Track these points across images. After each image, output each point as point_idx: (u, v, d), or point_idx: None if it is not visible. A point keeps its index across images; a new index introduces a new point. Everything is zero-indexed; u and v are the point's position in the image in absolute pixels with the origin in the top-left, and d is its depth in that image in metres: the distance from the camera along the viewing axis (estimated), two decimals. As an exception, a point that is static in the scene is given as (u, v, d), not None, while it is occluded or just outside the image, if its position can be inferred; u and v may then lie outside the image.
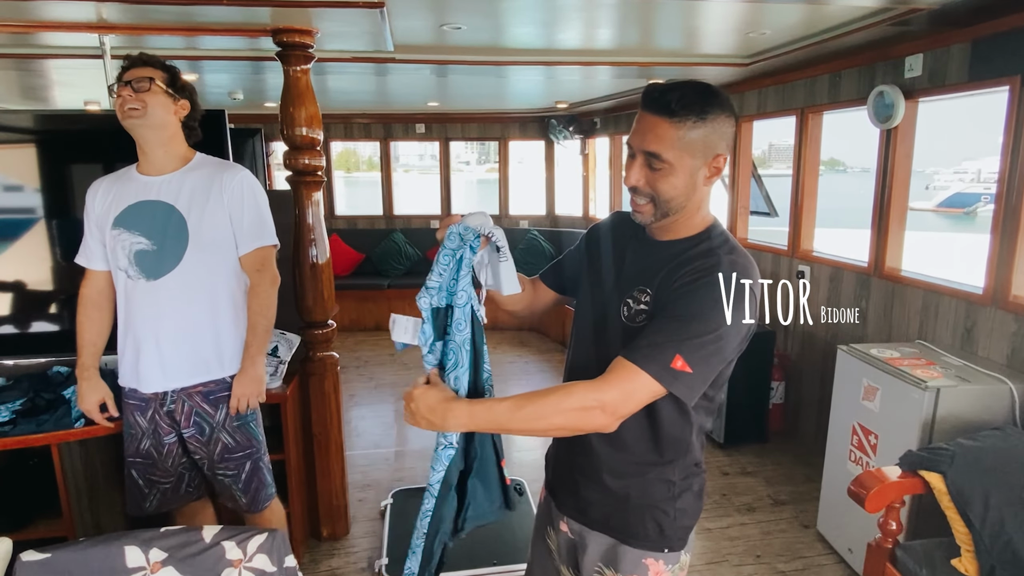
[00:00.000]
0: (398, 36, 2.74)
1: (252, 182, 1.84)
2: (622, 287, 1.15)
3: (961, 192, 24.59)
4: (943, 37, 2.52)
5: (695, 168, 1.07)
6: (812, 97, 3.39)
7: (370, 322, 6.07)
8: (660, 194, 1.08)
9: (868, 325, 3.06)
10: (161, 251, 1.75)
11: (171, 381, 1.80)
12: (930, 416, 2.11)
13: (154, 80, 1.71)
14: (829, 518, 2.68)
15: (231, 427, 1.86)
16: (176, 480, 1.92)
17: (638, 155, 1.08)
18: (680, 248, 1.12)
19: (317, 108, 2.40)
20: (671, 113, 1.03)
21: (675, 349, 1.00)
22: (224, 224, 1.79)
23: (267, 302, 1.84)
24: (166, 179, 1.78)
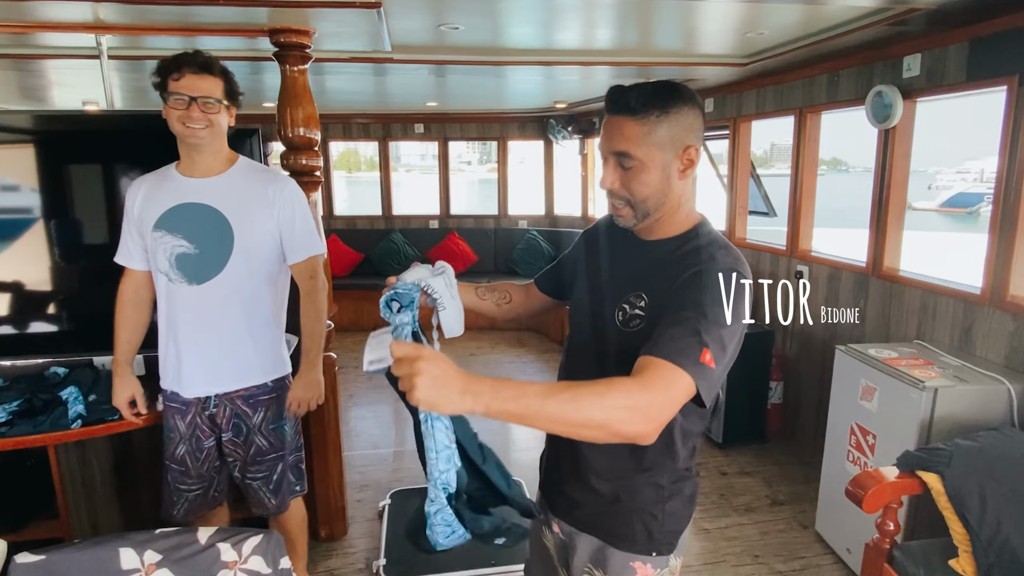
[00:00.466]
0: (396, 36, 2.74)
1: (300, 193, 1.87)
2: (615, 291, 1.15)
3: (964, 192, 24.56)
4: (941, 37, 2.52)
5: (666, 162, 1.07)
6: (811, 97, 3.39)
7: (369, 322, 6.06)
8: (634, 194, 1.08)
9: (866, 325, 3.06)
10: (204, 255, 1.74)
11: (213, 386, 1.82)
12: (928, 416, 2.11)
13: (221, 101, 1.70)
14: (827, 518, 2.68)
15: (267, 430, 1.89)
16: (206, 486, 1.93)
17: (609, 158, 1.09)
18: (668, 248, 1.12)
19: (315, 108, 2.39)
20: (633, 111, 1.05)
21: (700, 342, 0.96)
22: (271, 233, 1.79)
23: (322, 307, 1.89)
24: (210, 182, 1.77)
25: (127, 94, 4.52)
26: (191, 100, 1.65)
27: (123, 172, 2.32)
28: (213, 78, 1.69)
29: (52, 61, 3.24)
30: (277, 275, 1.85)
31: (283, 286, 1.89)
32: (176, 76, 1.66)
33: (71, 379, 2.17)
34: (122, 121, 2.51)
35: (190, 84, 1.66)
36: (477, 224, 6.65)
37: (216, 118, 1.70)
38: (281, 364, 1.90)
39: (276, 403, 1.89)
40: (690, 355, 0.94)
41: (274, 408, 1.89)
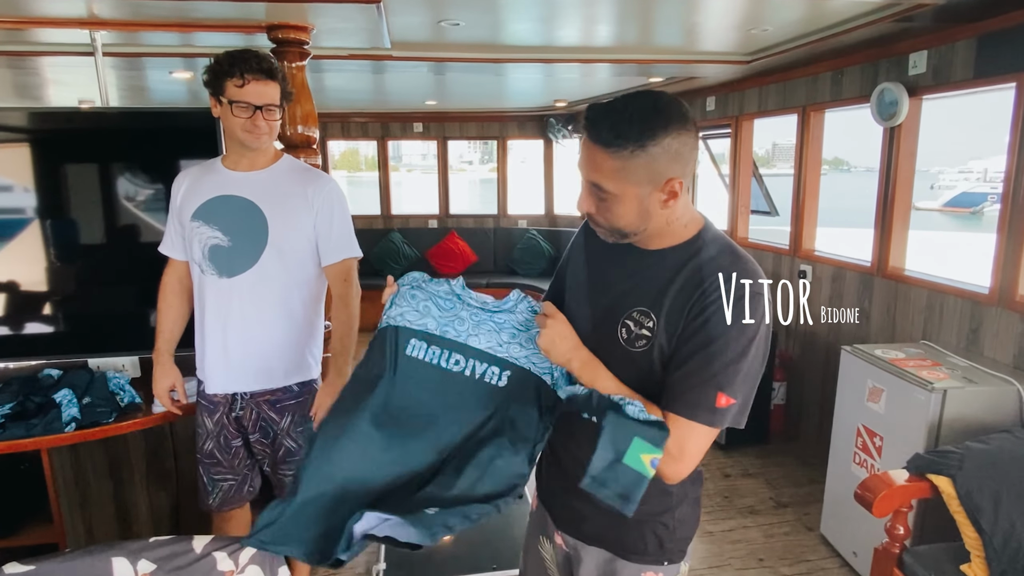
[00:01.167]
0: (395, 33, 2.71)
1: (340, 193, 1.83)
2: (617, 305, 1.08)
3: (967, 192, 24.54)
4: (948, 33, 2.49)
5: (643, 195, 0.98)
6: (814, 95, 3.36)
7: (367, 323, 5.91)
8: (611, 222, 1.03)
9: (871, 325, 3.02)
10: (237, 248, 1.73)
11: (232, 384, 1.79)
12: (937, 418, 2.08)
13: (282, 106, 1.69)
14: (833, 521, 2.65)
15: (295, 433, 1.86)
16: (240, 481, 1.92)
17: (585, 183, 1.02)
18: (676, 260, 1.05)
19: (313, 106, 2.36)
20: (605, 143, 0.95)
21: (715, 387, 0.96)
22: (307, 232, 1.76)
23: (355, 312, 1.83)
24: (251, 176, 1.75)
25: (123, 92, 4.48)
26: (256, 109, 1.63)
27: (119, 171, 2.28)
28: (276, 84, 1.66)
29: (47, 59, 3.20)
30: (311, 277, 1.81)
31: (317, 289, 1.85)
32: (240, 83, 1.62)
33: (65, 381, 2.13)
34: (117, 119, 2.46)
35: (256, 92, 1.63)
36: (477, 224, 6.62)
37: (276, 124, 1.71)
38: (308, 369, 1.87)
39: (303, 406, 1.86)
40: (705, 403, 0.96)
41: (301, 411, 1.86)
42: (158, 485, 2.46)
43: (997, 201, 2.62)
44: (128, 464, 2.41)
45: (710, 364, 0.96)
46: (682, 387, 0.98)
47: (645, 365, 1.03)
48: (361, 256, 1.87)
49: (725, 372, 0.96)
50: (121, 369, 2.34)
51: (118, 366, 2.34)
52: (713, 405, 0.96)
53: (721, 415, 0.96)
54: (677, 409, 0.98)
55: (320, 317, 1.90)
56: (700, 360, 0.97)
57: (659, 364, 1.02)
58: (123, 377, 2.21)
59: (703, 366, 0.97)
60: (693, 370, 0.97)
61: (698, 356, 0.97)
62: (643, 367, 1.03)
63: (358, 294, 1.84)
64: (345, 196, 1.84)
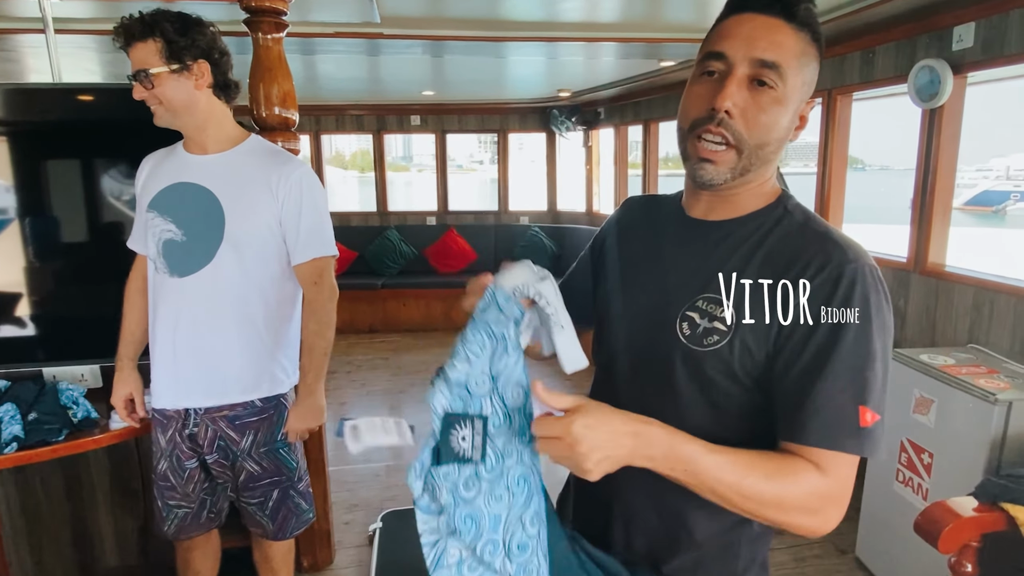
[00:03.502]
0: (386, 6, 2.45)
1: (312, 180, 1.56)
2: (675, 294, 0.83)
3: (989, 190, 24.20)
4: (1001, 2, 2.23)
5: (799, 104, 0.79)
6: (841, 77, 3.10)
7: (363, 324, 5.77)
8: (755, 133, 0.76)
9: (908, 327, 2.77)
10: (191, 243, 1.50)
11: (183, 398, 1.56)
12: (1000, 434, 1.82)
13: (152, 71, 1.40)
14: (870, 543, 2.39)
15: (257, 454, 1.62)
16: (197, 507, 1.69)
17: (737, 67, 0.75)
18: (755, 230, 0.81)
19: (292, 85, 2.10)
20: (792, 16, 0.75)
21: (856, 402, 0.72)
22: (270, 225, 1.52)
23: (326, 320, 1.58)
24: (209, 159, 1.52)
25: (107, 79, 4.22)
26: (131, 78, 1.41)
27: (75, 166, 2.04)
28: (147, 43, 1.39)
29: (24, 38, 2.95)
30: (276, 277, 1.57)
31: (286, 291, 1.60)
32: (126, 50, 1.40)
33: (9, 395, 1.88)
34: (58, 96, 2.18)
35: (133, 60, 1.41)
36: (477, 220, 6.36)
37: (164, 91, 1.42)
38: (274, 382, 1.62)
39: (268, 424, 1.61)
40: (848, 428, 0.73)
41: (266, 430, 1.61)
42: (123, 507, 2.22)
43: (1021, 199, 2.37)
44: (88, 485, 2.17)
45: (842, 371, 0.73)
46: (808, 407, 0.73)
47: (718, 368, 0.78)
48: (336, 255, 1.62)
49: (862, 379, 0.73)
50: (80, 380, 2.09)
51: (76, 376, 2.09)
52: (857, 425, 0.72)
53: (869, 438, 0.73)
54: (808, 438, 0.73)
55: (292, 323, 1.64)
56: (826, 366, 0.73)
57: (740, 367, 0.78)
58: (77, 389, 1.95)
59: (834, 374, 0.73)
60: (827, 388, 0.73)
61: (822, 361, 0.73)
62: (715, 371, 0.78)
63: (332, 299, 1.60)
64: (319, 184, 1.58)
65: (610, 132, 5.80)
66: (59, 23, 2.47)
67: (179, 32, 1.41)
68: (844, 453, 0.73)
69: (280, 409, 1.62)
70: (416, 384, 4.46)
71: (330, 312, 1.59)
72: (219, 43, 1.50)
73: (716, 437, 0.79)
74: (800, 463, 0.74)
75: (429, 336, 5.67)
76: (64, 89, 2.03)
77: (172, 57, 1.41)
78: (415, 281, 5.84)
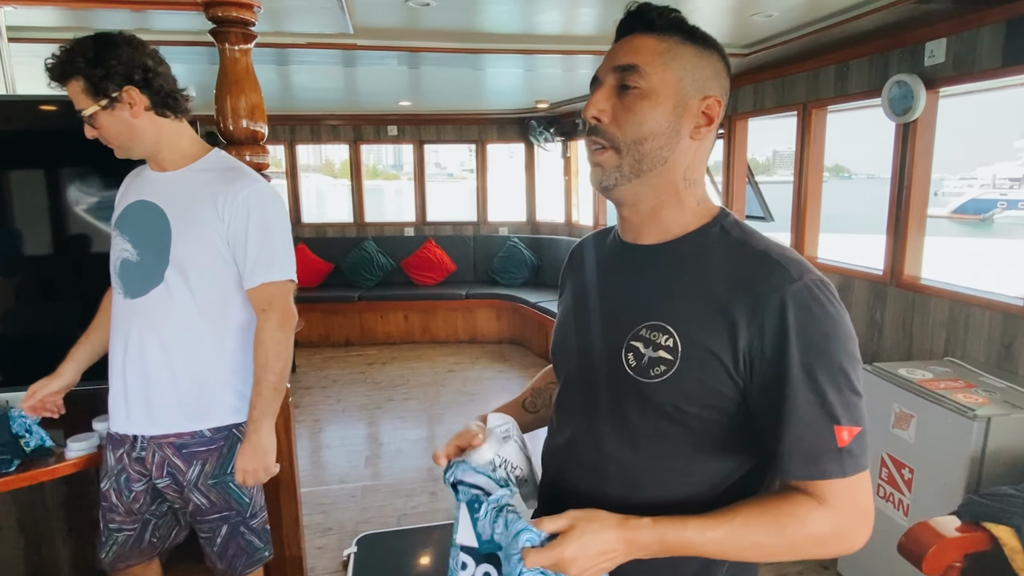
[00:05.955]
0: (358, 16, 2.40)
1: (264, 197, 1.46)
2: (620, 323, 0.81)
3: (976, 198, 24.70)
4: (972, 18, 2.26)
5: (682, 99, 0.79)
6: (816, 90, 3.12)
7: (339, 337, 5.67)
8: (627, 131, 0.78)
9: (884, 340, 2.78)
10: (142, 264, 1.43)
11: (135, 426, 1.48)
12: (979, 450, 1.82)
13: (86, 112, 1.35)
14: (852, 558, 2.37)
15: (205, 486, 1.52)
16: (140, 528, 1.59)
17: (607, 77, 0.81)
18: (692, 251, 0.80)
19: (260, 97, 2.03)
20: (651, 26, 0.80)
21: (829, 423, 0.71)
22: (217, 247, 1.43)
23: (275, 351, 1.46)
24: (165, 177, 1.46)
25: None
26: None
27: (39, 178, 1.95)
28: (71, 84, 1.33)
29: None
30: (227, 301, 1.48)
31: (244, 317, 1.51)
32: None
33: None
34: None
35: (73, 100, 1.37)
36: (456, 231, 6.31)
37: (105, 130, 1.37)
38: (226, 411, 1.53)
39: (217, 456, 1.53)
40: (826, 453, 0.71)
41: (215, 462, 1.52)
42: (82, 539, 2.11)
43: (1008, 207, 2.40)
44: (44, 517, 2.05)
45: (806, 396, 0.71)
46: (785, 442, 0.73)
47: (669, 401, 0.76)
48: (291, 279, 1.51)
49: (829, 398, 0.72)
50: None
51: (32, 401, 1.98)
52: (835, 447, 0.71)
53: (851, 456, 0.72)
54: (797, 474, 0.73)
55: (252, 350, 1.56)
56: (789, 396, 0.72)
57: (691, 397, 0.75)
58: (30, 417, 1.86)
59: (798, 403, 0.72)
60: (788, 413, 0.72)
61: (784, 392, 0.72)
62: (666, 404, 0.76)
63: (283, 328, 1.47)
64: (274, 203, 1.48)
65: (588, 143, 5.79)
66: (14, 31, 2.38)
67: (92, 64, 1.31)
68: (830, 482, 0.72)
69: (232, 440, 1.53)
70: (394, 399, 4.38)
71: (280, 343, 1.47)
72: (140, 60, 1.37)
73: (680, 471, 0.78)
74: (799, 503, 0.73)
75: (407, 349, 5.58)
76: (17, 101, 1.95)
77: (97, 93, 1.32)
78: (392, 293, 5.76)
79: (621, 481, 0.80)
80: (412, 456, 3.50)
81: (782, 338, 0.71)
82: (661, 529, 0.72)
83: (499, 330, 5.81)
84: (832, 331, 0.72)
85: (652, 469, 0.79)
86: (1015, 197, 23.79)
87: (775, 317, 0.72)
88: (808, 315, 0.71)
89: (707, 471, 0.78)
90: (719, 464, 0.78)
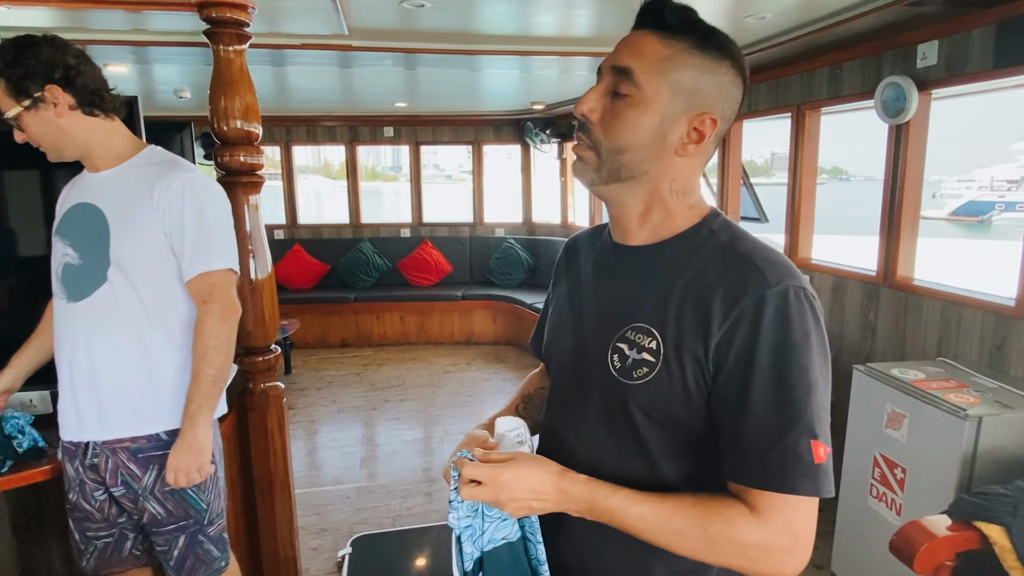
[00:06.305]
0: (353, 17, 2.40)
1: (199, 187, 1.44)
2: (605, 324, 0.82)
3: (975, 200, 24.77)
4: (963, 20, 2.27)
5: (671, 114, 0.76)
6: (810, 92, 3.14)
7: (335, 339, 5.67)
8: (610, 136, 0.77)
9: (878, 340, 2.79)
10: (84, 267, 1.41)
11: (87, 432, 1.46)
12: (971, 450, 1.83)
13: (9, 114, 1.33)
14: (846, 558, 2.38)
15: (161, 494, 1.49)
16: (117, 538, 1.58)
17: (605, 75, 0.80)
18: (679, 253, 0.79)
19: (254, 98, 2.03)
20: (662, 25, 0.76)
21: (807, 435, 0.69)
22: (157, 240, 1.41)
23: (214, 343, 1.42)
24: (100, 177, 1.44)
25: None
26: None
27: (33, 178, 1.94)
28: None
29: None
30: (173, 298, 1.46)
31: (191, 313, 1.49)
32: None
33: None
34: None
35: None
36: (452, 232, 6.31)
37: (32, 132, 1.36)
38: (182, 412, 1.48)
39: None
40: (799, 465, 0.68)
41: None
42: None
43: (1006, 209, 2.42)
44: (37, 518, 2.04)
45: (786, 405, 0.69)
46: (757, 447, 0.70)
47: (648, 403, 0.76)
48: (231, 268, 1.47)
49: (814, 412, 0.70)
50: (28, 405, 1.98)
51: (24, 402, 1.98)
52: (812, 463, 0.69)
53: (823, 476, 0.69)
54: (763, 482, 0.70)
55: None
56: (777, 404, 0.70)
57: (670, 400, 0.75)
58: (23, 416, 1.84)
59: (778, 409, 0.69)
60: (765, 418, 0.70)
61: (764, 397, 0.70)
62: (647, 405, 0.76)
63: (224, 320, 1.44)
64: (212, 191, 1.47)
65: (584, 144, 5.80)
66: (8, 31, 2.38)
67: (11, 64, 1.29)
68: (793, 497, 0.69)
69: None
70: (390, 400, 4.38)
71: (221, 335, 1.43)
72: (61, 59, 1.33)
73: (655, 473, 0.78)
74: (731, 506, 0.72)
75: (403, 351, 5.58)
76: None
77: (18, 93, 1.30)
78: (388, 294, 5.76)
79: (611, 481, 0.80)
80: (407, 457, 3.50)
81: (751, 341, 0.70)
82: (593, 487, 0.75)
83: (495, 331, 5.81)
84: (807, 341, 0.70)
85: (639, 472, 0.79)
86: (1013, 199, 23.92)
87: (749, 320, 0.70)
88: (784, 322, 0.70)
89: (694, 472, 0.79)
90: (705, 466, 0.78)
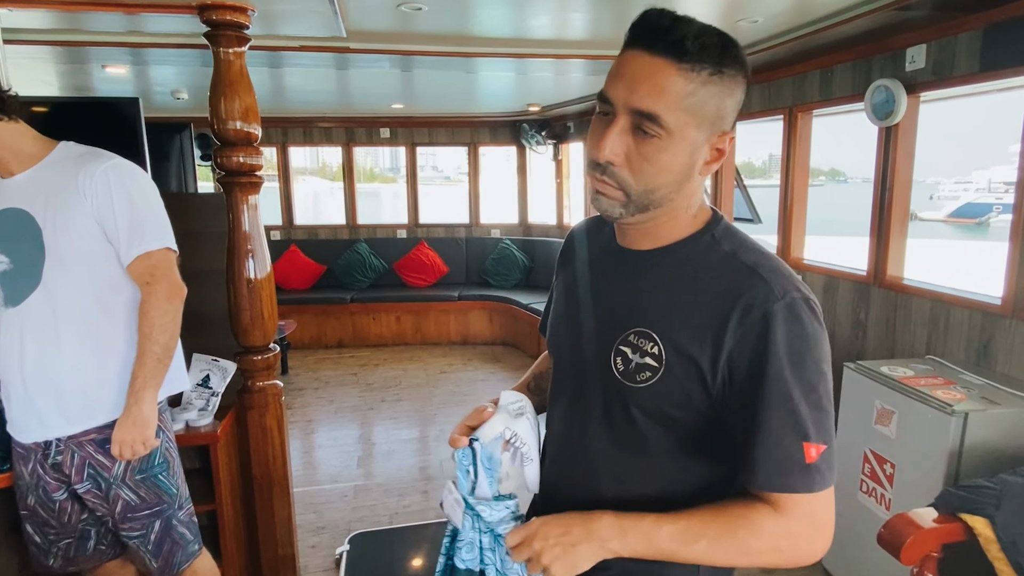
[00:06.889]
0: (351, 20, 2.43)
1: (123, 172, 1.45)
2: (608, 327, 0.83)
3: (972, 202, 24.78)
4: (950, 25, 2.32)
5: (698, 143, 0.74)
6: (801, 95, 3.18)
7: (331, 339, 5.68)
8: (641, 180, 0.74)
9: (868, 339, 2.83)
10: (18, 270, 1.42)
11: (51, 430, 1.47)
12: (958, 444, 1.87)
13: None
14: (836, 552, 2.41)
15: (133, 481, 1.51)
16: (79, 538, 1.59)
17: (621, 115, 0.73)
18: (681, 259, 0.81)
19: (254, 99, 2.06)
20: (682, 55, 0.70)
21: (800, 439, 0.72)
22: (89, 229, 1.42)
23: (159, 322, 1.45)
24: (20, 179, 1.44)
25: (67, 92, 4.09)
26: None
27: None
28: None
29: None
30: (115, 283, 1.48)
31: (137, 296, 1.50)
32: None
33: None
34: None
35: None
36: (448, 233, 6.34)
37: None
38: None
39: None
40: (795, 467, 0.73)
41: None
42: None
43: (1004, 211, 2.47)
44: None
45: (779, 411, 0.72)
46: (752, 451, 0.74)
47: (652, 406, 0.78)
48: (169, 247, 1.49)
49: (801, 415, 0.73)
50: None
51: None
52: (805, 463, 0.72)
53: (818, 472, 0.73)
54: (758, 482, 0.74)
55: None
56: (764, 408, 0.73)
57: (674, 404, 0.77)
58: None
59: (771, 416, 0.73)
60: (759, 424, 0.73)
61: (758, 404, 0.73)
62: (651, 408, 0.78)
63: (170, 299, 1.46)
64: (136, 175, 1.48)
65: (580, 146, 5.84)
66: (9, 33, 2.40)
67: None
68: (795, 495, 0.73)
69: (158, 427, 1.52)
70: (386, 400, 4.40)
71: (166, 313, 1.45)
72: None
73: (669, 471, 0.80)
74: (756, 509, 0.74)
75: (399, 351, 5.60)
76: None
77: None
78: (385, 295, 5.78)
79: (612, 478, 0.83)
80: (404, 456, 3.52)
81: (761, 354, 0.72)
82: (620, 515, 0.76)
83: (491, 332, 5.84)
84: (809, 350, 0.73)
85: (641, 468, 0.81)
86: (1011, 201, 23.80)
87: (757, 333, 0.72)
88: (789, 333, 0.72)
89: (697, 471, 0.81)
90: (708, 465, 0.81)
